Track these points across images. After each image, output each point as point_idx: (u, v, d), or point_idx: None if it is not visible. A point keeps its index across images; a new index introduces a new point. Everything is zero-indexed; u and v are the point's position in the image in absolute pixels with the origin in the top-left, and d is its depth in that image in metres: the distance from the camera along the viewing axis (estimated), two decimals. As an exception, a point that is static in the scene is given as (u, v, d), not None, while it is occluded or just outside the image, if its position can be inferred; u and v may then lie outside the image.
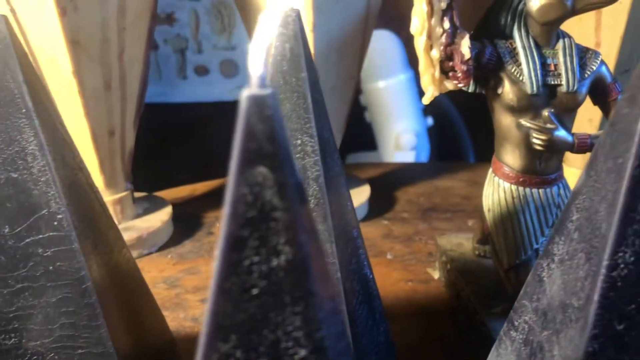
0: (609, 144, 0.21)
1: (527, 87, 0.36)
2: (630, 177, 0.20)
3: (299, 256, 0.16)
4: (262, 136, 0.15)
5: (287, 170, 0.15)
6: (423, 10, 0.35)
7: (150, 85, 1.59)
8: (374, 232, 0.56)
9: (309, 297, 0.16)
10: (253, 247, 0.15)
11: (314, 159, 0.29)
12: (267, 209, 0.15)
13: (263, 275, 0.16)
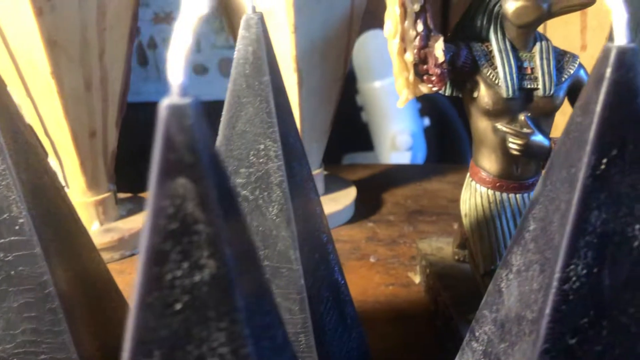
0: (563, 153, 0.21)
1: (503, 91, 0.35)
2: (582, 188, 0.19)
3: (223, 270, 0.15)
4: (182, 147, 0.14)
5: (209, 181, 0.15)
6: (396, 13, 0.34)
7: (148, 84, 1.59)
8: (358, 235, 0.56)
9: (234, 312, 0.15)
10: (175, 260, 0.15)
11: (278, 163, 0.28)
12: (189, 221, 0.15)
13: (186, 290, 0.15)
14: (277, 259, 0.29)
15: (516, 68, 0.35)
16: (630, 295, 0.20)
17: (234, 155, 0.29)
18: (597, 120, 0.19)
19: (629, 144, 0.19)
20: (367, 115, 1.20)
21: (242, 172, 0.29)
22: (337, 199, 0.58)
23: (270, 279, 0.29)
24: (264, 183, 0.29)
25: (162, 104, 0.14)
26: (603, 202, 0.20)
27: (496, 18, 0.36)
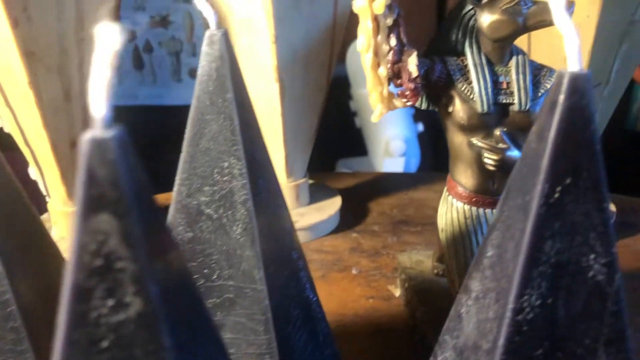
0: (519, 179, 0.20)
1: (478, 106, 0.35)
2: (536, 216, 0.19)
3: (149, 308, 0.15)
4: (104, 182, 0.14)
5: (133, 217, 0.14)
6: (368, 27, 0.34)
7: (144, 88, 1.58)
8: (342, 246, 0.55)
9: (161, 351, 0.15)
10: (100, 298, 0.15)
11: (242, 182, 0.28)
12: (112, 258, 0.14)
13: (112, 327, 0.15)
14: (242, 278, 0.29)
15: (491, 82, 0.35)
16: (586, 326, 0.20)
17: (197, 173, 0.28)
18: (550, 148, 0.19)
19: (582, 172, 0.19)
20: (361, 121, 1.20)
21: (206, 190, 0.28)
22: (322, 209, 0.58)
23: (234, 299, 0.29)
24: (228, 201, 0.28)
25: (84, 137, 0.14)
26: (557, 231, 0.19)
27: (471, 32, 0.35)
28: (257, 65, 0.50)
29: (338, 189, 0.65)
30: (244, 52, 0.50)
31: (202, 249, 0.29)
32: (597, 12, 0.44)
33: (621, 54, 0.48)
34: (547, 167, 0.19)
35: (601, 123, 0.53)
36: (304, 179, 0.57)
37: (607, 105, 0.51)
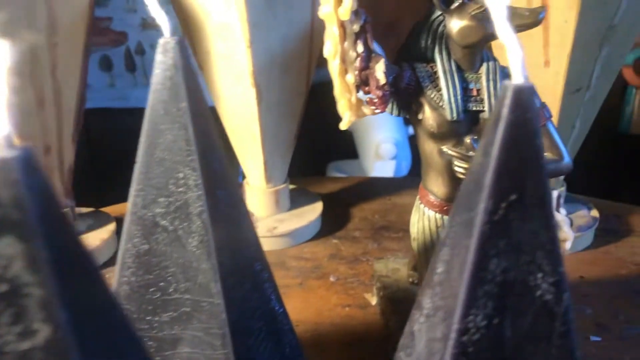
0: (465, 194, 0.20)
1: (447, 113, 0.34)
2: (480, 234, 0.18)
3: (58, 335, 0.14)
4: (7, 203, 0.13)
5: (39, 241, 0.14)
6: (334, 33, 0.33)
7: (137, 90, 1.57)
8: (321, 252, 0.55)
9: (71, 379, 0.14)
10: (6, 324, 0.14)
11: (197, 193, 0.27)
12: (18, 283, 0.14)
13: (18, 355, 0.14)
14: (198, 292, 0.28)
15: (461, 89, 0.34)
16: (534, 347, 0.19)
17: (152, 184, 0.28)
18: (494, 163, 0.18)
19: (528, 188, 0.18)
20: (352, 124, 1.19)
21: (162, 201, 0.28)
22: (302, 215, 0.57)
23: (191, 312, 0.28)
24: (184, 213, 0.27)
25: (-15, 157, 0.13)
26: (503, 249, 0.18)
27: (441, 38, 0.35)
28: (234, 70, 0.49)
29: (321, 193, 0.65)
30: (220, 57, 0.49)
31: (158, 262, 0.28)
32: (575, 17, 0.44)
33: (601, 59, 0.47)
34: (491, 183, 0.18)
35: (583, 128, 0.52)
36: (283, 185, 0.57)
37: (588, 111, 0.51)
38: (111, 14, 1.44)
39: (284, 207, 0.57)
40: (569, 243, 0.52)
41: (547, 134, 0.36)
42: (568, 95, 0.48)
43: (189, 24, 0.50)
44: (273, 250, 0.55)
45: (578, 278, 0.49)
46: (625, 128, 1.33)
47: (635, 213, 0.60)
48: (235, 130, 0.54)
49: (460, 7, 0.33)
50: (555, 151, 0.36)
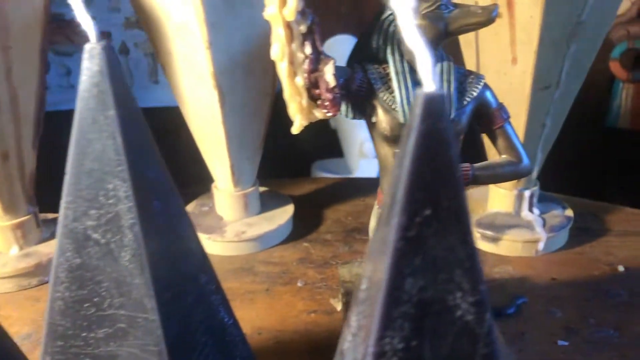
0: (387, 208, 0.19)
1: (400, 116, 0.33)
2: (394, 252, 0.17)
3: None
4: None
5: None
6: (281, 35, 0.32)
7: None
8: (291, 256, 0.53)
9: None
10: None
11: (128, 205, 0.26)
12: None
13: None
14: (133, 307, 0.27)
15: (414, 91, 0.33)
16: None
17: (82, 195, 0.26)
18: (406, 176, 0.17)
19: (443, 202, 0.17)
20: (336, 123, 1.18)
21: (92, 213, 0.26)
22: (272, 218, 0.56)
23: (126, 328, 0.27)
24: (115, 226, 0.26)
25: None
26: (419, 267, 0.17)
27: (392, 38, 0.34)
28: (195, 71, 0.48)
29: (294, 195, 0.64)
30: (181, 58, 0.48)
31: (91, 276, 0.27)
32: (540, 13, 0.42)
33: (570, 56, 0.46)
34: (403, 197, 0.17)
35: (555, 126, 0.51)
36: (252, 188, 0.56)
37: (559, 108, 0.50)
38: (94, 14, 1.42)
39: (253, 211, 0.56)
40: (541, 244, 0.51)
41: (504, 135, 0.34)
42: (537, 92, 0.47)
43: (150, 24, 0.49)
44: (242, 254, 0.54)
45: (550, 280, 0.48)
46: (613, 122, 1.32)
47: (613, 211, 0.59)
48: (200, 132, 0.53)
49: (410, 5, 0.32)
50: (513, 153, 0.34)
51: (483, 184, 0.36)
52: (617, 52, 1.29)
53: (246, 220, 0.56)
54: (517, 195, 0.53)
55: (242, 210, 0.56)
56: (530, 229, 0.52)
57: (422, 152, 0.17)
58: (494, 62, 0.48)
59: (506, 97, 0.48)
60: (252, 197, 0.56)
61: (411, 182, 0.17)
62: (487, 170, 0.34)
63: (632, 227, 0.56)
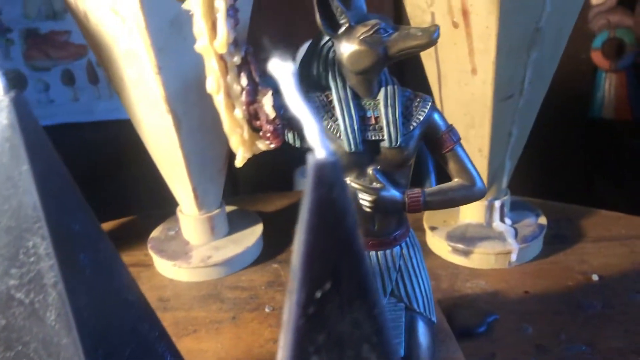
0: (290, 282, 0.17)
1: (345, 145, 0.32)
2: (295, 330, 0.16)
3: None
4: None
5: None
6: (214, 67, 0.31)
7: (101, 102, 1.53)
8: (259, 279, 0.52)
9: None
10: None
11: (49, 262, 0.25)
12: None
13: None
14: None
15: (357, 118, 0.32)
16: None
17: (3, 253, 0.25)
18: (303, 248, 0.16)
19: (344, 275, 0.16)
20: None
21: (14, 272, 0.25)
22: (240, 240, 0.55)
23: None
24: (38, 285, 0.25)
25: None
26: (323, 345, 0.16)
27: (333, 64, 0.32)
28: (148, 97, 0.47)
29: (265, 212, 0.63)
30: (133, 83, 0.47)
31: (18, 337, 0.26)
32: (495, 22, 0.41)
33: (532, 63, 0.45)
34: (301, 271, 0.16)
35: (521, 135, 0.50)
36: (218, 210, 0.54)
37: (525, 117, 0.48)
38: (69, 27, 1.40)
39: (220, 233, 0.55)
40: (514, 255, 0.50)
41: (455, 158, 0.33)
42: (499, 102, 0.46)
43: (99, 50, 0.47)
44: (209, 280, 0.52)
45: (523, 294, 0.47)
46: (598, 112, 1.30)
47: (588, 215, 0.58)
48: (159, 157, 0.51)
49: (347, 31, 0.31)
50: (465, 176, 0.33)
51: (436, 209, 0.35)
52: (598, 42, 1.27)
53: (213, 244, 0.54)
54: (488, 206, 0.52)
55: (208, 233, 0.54)
56: (502, 241, 0.50)
57: (317, 223, 0.15)
58: (455, 73, 0.46)
59: (469, 108, 0.47)
60: (218, 219, 0.54)
61: (308, 255, 0.15)
62: (439, 195, 0.33)
63: (607, 232, 0.54)
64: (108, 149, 1.23)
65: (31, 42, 1.42)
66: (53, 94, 1.47)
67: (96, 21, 0.45)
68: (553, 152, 1.15)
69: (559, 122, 1.16)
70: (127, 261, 0.56)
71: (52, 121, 1.43)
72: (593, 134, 1.26)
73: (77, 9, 0.46)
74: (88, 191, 0.73)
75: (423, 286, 0.35)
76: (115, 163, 1.13)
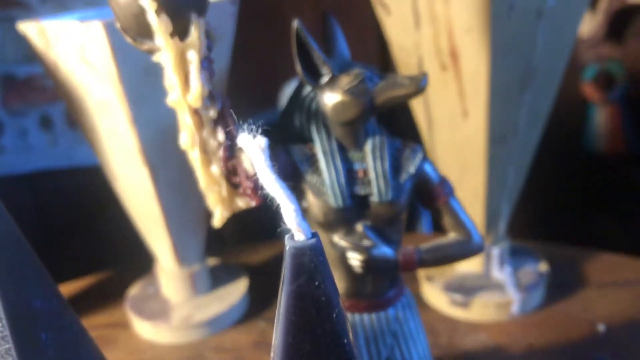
0: None
1: (331, 200, 0.29)
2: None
3: None
4: None
5: None
6: (188, 123, 0.28)
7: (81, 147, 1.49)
8: (245, 340, 0.49)
9: None
10: None
11: (5, 346, 0.22)
12: None
13: None
14: None
15: (344, 172, 0.29)
16: None
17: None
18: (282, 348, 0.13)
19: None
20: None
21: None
22: (224, 297, 0.52)
23: None
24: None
25: None
26: None
27: (316, 115, 0.30)
28: (122, 148, 0.44)
29: (251, 264, 0.59)
30: (106, 135, 0.44)
31: None
32: (485, 64, 0.39)
33: (526, 104, 0.43)
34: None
35: (518, 177, 0.47)
36: (199, 265, 0.51)
37: (521, 158, 0.46)
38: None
39: (202, 289, 0.52)
40: (515, 306, 0.47)
41: (450, 212, 0.31)
42: (493, 145, 0.44)
43: (70, 99, 0.45)
44: (191, 341, 0.49)
45: (527, 347, 0.44)
46: (591, 147, 1.29)
47: (591, 258, 0.55)
48: (135, 211, 0.49)
49: (331, 81, 0.29)
50: (461, 230, 0.31)
51: (432, 267, 0.32)
52: (588, 75, 1.27)
53: (195, 302, 0.51)
54: (486, 254, 0.49)
55: (190, 290, 0.51)
56: (502, 290, 0.48)
57: (296, 321, 0.13)
58: (446, 116, 0.44)
59: (461, 152, 0.45)
60: (199, 275, 0.51)
61: (288, 355, 0.13)
62: (435, 252, 0.30)
63: (611, 277, 0.52)
64: (87, 196, 1.19)
65: (9, 87, 1.40)
66: (32, 140, 1.44)
67: (67, 71, 0.43)
68: (550, 190, 1.13)
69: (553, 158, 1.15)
70: (103, 321, 0.53)
71: (30, 167, 1.40)
72: (588, 168, 1.24)
73: (48, 58, 0.43)
74: (64, 242, 0.69)
75: (422, 352, 0.32)
76: (94, 211, 1.10)
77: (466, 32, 0.39)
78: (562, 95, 0.47)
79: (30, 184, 1.11)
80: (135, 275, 0.57)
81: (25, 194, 1.12)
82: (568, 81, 0.44)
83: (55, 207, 1.09)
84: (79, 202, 1.18)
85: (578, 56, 1.17)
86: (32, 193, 1.17)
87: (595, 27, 1.17)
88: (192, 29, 0.27)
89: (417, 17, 0.41)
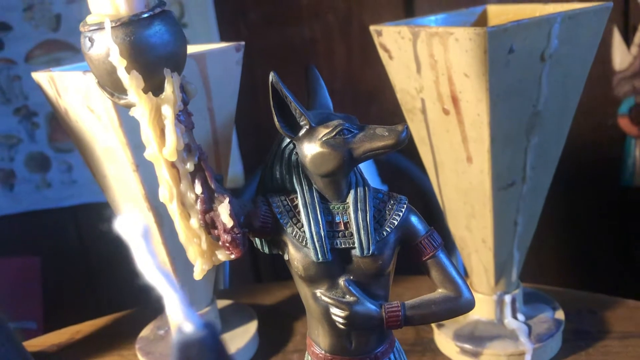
0: None
1: (312, 254, 0.29)
2: None
3: None
4: None
5: None
6: (165, 176, 0.29)
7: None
8: (251, 384, 0.48)
9: None
10: None
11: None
12: None
13: None
14: None
15: (324, 224, 0.29)
16: None
17: None
18: None
19: None
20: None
21: None
22: (232, 340, 0.51)
23: None
24: None
25: None
26: None
27: (297, 167, 0.30)
28: (129, 193, 0.45)
29: (262, 305, 0.59)
30: (114, 180, 0.45)
31: None
32: (486, 110, 0.38)
33: (533, 148, 0.42)
34: None
35: (529, 223, 0.46)
36: (208, 307, 0.51)
37: (531, 204, 0.45)
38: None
39: (211, 333, 0.51)
40: (528, 356, 0.45)
41: (437, 266, 0.30)
42: (499, 191, 0.42)
43: (81, 147, 0.46)
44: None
45: (539, 403, 0.42)
46: (629, 181, 1.25)
47: (613, 306, 0.52)
48: (143, 255, 0.49)
49: (308, 132, 0.28)
50: (450, 286, 0.30)
51: (418, 324, 0.31)
52: (625, 108, 1.23)
53: (202, 345, 0.51)
54: (498, 301, 0.47)
55: (197, 333, 0.51)
56: (514, 340, 0.46)
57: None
58: (450, 161, 0.44)
59: (468, 196, 0.44)
60: (208, 317, 0.51)
61: None
62: (421, 309, 0.29)
63: (635, 327, 0.49)
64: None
65: (54, 125, 1.44)
66: (76, 175, 1.47)
67: (76, 118, 0.44)
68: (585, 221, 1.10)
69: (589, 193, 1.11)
70: (114, 362, 0.53)
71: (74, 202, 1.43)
72: (626, 202, 1.20)
73: (58, 106, 0.45)
74: (105, 271, 0.69)
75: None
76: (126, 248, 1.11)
77: (465, 77, 0.38)
78: (598, 129, 0.46)
79: (74, 217, 1.13)
80: (148, 318, 0.57)
81: (69, 225, 1.15)
82: (604, 115, 0.42)
83: (95, 242, 1.11)
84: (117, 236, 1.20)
85: (613, 89, 1.14)
86: (76, 226, 1.19)
87: (630, 60, 1.14)
88: (166, 84, 0.27)
89: (418, 61, 0.41)
